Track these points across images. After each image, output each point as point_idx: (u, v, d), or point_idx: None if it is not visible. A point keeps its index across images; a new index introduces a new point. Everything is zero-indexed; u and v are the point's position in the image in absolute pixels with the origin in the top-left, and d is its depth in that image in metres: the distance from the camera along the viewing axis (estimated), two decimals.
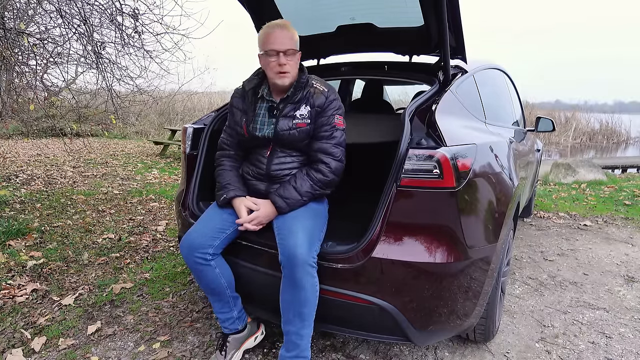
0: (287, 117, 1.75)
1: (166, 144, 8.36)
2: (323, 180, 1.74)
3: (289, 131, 1.74)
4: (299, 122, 1.74)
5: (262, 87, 1.82)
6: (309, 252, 1.55)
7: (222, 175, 1.86)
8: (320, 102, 1.75)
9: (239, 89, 1.90)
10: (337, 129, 1.76)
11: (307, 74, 1.82)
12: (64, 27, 4.06)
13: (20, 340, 2.01)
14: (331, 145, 1.75)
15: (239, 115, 1.85)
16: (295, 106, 1.75)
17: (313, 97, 1.76)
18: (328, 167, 1.74)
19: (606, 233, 4.02)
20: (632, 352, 2.07)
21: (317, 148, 1.76)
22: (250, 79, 1.87)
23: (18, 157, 7.05)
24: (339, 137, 1.76)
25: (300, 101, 1.75)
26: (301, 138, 1.76)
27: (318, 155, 1.75)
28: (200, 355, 1.95)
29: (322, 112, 1.75)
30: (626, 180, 6.88)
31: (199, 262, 1.69)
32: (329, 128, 1.75)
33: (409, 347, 2.05)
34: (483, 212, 1.72)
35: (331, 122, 1.75)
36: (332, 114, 1.76)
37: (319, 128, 1.75)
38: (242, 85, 1.88)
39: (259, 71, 1.87)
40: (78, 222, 3.74)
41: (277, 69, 1.69)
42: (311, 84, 1.78)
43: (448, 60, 1.95)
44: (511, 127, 2.97)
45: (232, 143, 1.91)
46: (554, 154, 14.84)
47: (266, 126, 1.78)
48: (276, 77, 1.70)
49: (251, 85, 1.84)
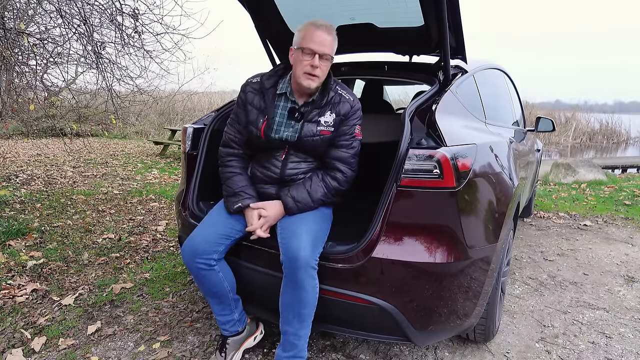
0: (312, 122, 1.69)
1: (166, 144, 8.35)
2: (337, 189, 1.73)
3: (312, 138, 1.69)
4: (323, 129, 1.70)
5: (280, 84, 1.74)
6: (311, 255, 1.55)
7: (234, 179, 1.77)
8: (346, 111, 1.72)
9: (254, 84, 1.76)
10: (356, 139, 1.75)
11: (333, 78, 1.76)
12: (64, 27, 4.06)
13: (20, 340, 2.01)
14: (350, 155, 1.73)
15: (255, 114, 1.73)
16: (320, 111, 1.70)
17: (339, 104, 1.71)
18: (344, 177, 1.73)
19: (606, 233, 4.02)
20: (632, 352, 2.07)
21: (335, 156, 1.73)
22: (269, 76, 1.76)
23: (18, 157, 7.05)
24: (357, 147, 1.75)
25: (325, 106, 1.70)
26: (323, 145, 1.72)
27: (336, 164, 1.73)
28: (200, 355, 1.95)
29: (346, 121, 1.73)
30: (626, 180, 6.88)
31: (202, 267, 1.66)
32: (349, 138, 1.73)
33: (409, 347, 2.05)
34: (483, 212, 1.72)
35: (352, 132, 1.73)
36: (354, 123, 1.74)
37: (340, 136, 1.73)
38: (260, 80, 1.76)
39: (279, 67, 1.79)
40: (78, 222, 3.74)
41: (309, 69, 1.61)
42: (336, 89, 1.74)
43: (448, 60, 1.95)
44: (511, 127, 2.97)
45: (241, 141, 1.80)
46: (554, 154, 14.84)
47: (284, 128, 1.71)
48: (303, 77, 1.62)
49: (271, 82, 1.74)
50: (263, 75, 1.79)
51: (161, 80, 10.68)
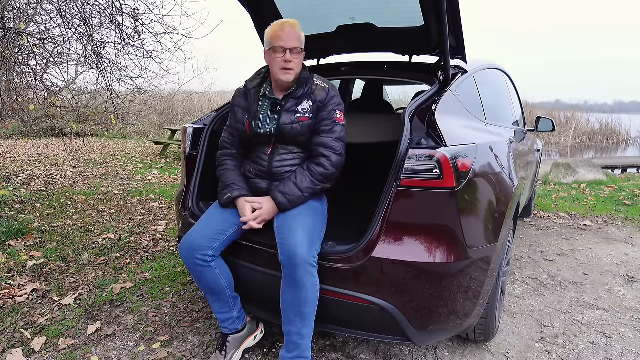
0: (290, 111, 1.77)
1: (166, 144, 8.36)
2: (324, 174, 1.75)
3: (291, 125, 1.76)
4: (301, 115, 1.77)
5: (264, 85, 1.85)
6: (309, 252, 1.55)
7: (226, 174, 1.86)
8: (322, 98, 1.78)
9: (240, 89, 1.93)
10: (338, 124, 1.79)
11: (309, 72, 1.84)
12: (64, 27, 4.06)
13: (20, 340, 2.01)
14: (332, 140, 1.76)
15: (241, 113, 1.86)
16: (297, 101, 1.78)
17: (314, 93, 1.79)
18: (329, 161, 1.75)
19: (606, 233, 4.02)
20: (632, 352, 2.07)
21: (318, 142, 1.77)
22: (252, 78, 1.89)
23: (18, 157, 7.05)
24: (339, 131, 1.79)
25: (302, 97, 1.78)
26: (303, 132, 1.77)
27: (319, 150, 1.77)
28: (200, 355, 1.95)
29: (323, 107, 1.78)
30: (626, 180, 6.88)
31: (199, 263, 1.69)
32: (329, 122, 1.77)
33: (409, 347, 2.05)
34: (483, 212, 1.72)
35: (332, 116, 1.78)
36: (332, 109, 1.79)
37: (320, 122, 1.78)
38: (244, 84, 1.90)
39: (261, 71, 1.90)
40: (78, 222, 3.74)
41: (283, 65, 1.71)
42: (312, 81, 1.82)
43: (448, 60, 1.95)
44: (511, 127, 2.97)
45: (234, 142, 1.92)
46: (554, 154, 14.84)
47: (268, 122, 1.80)
48: (280, 72, 1.72)
49: (253, 84, 1.86)
50: (247, 79, 1.91)
51: (161, 80, 10.71)
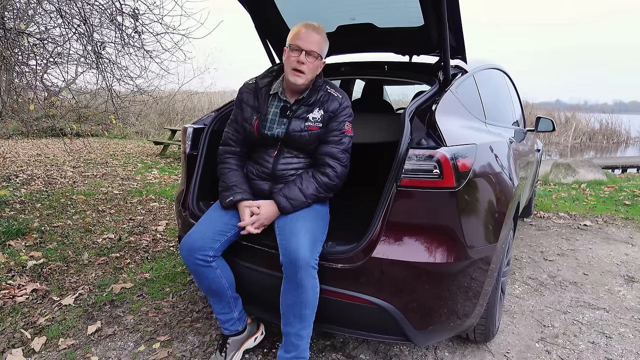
0: (300, 118, 1.74)
1: (166, 144, 8.35)
2: (328, 184, 1.74)
3: (300, 133, 1.73)
4: (311, 124, 1.74)
5: (274, 84, 1.81)
6: (311, 255, 1.55)
7: (228, 175, 1.82)
8: (334, 108, 1.76)
9: (250, 84, 1.86)
10: (346, 136, 1.77)
11: (324, 78, 1.81)
12: (64, 27, 4.07)
13: (20, 340, 2.01)
14: (339, 151, 1.75)
15: (250, 112, 1.81)
16: (308, 108, 1.75)
17: (327, 102, 1.76)
18: (334, 172, 1.74)
19: (606, 233, 4.02)
20: (632, 352, 2.07)
21: (325, 152, 1.76)
22: (263, 76, 1.85)
23: (18, 157, 7.05)
24: (347, 143, 1.78)
25: (314, 104, 1.76)
26: (311, 141, 1.76)
27: (325, 159, 1.75)
28: (200, 355, 1.95)
29: (335, 118, 1.76)
30: (626, 180, 6.88)
31: (199, 263, 1.68)
32: (338, 133, 1.76)
33: (409, 347, 2.05)
34: (483, 212, 1.72)
35: (341, 128, 1.76)
36: (343, 120, 1.77)
37: (329, 132, 1.76)
38: (255, 80, 1.85)
39: (273, 68, 1.87)
40: (78, 222, 3.74)
41: (295, 65, 1.67)
42: (326, 88, 1.79)
43: (448, 60, 1.95)
44: (511, 127, 2.97)
45: (238, 139, 1.86)
46: (554, 154, 14.84)
47: (276, 125, 1.76)
48: (290, 73, 1.69)
49: (264, 82, 1.82)
50: (258, 76, 1.87)
51: (161, 80, 10.69)
